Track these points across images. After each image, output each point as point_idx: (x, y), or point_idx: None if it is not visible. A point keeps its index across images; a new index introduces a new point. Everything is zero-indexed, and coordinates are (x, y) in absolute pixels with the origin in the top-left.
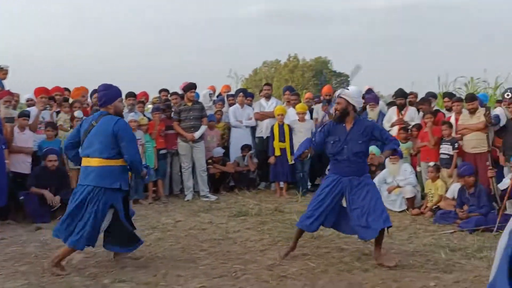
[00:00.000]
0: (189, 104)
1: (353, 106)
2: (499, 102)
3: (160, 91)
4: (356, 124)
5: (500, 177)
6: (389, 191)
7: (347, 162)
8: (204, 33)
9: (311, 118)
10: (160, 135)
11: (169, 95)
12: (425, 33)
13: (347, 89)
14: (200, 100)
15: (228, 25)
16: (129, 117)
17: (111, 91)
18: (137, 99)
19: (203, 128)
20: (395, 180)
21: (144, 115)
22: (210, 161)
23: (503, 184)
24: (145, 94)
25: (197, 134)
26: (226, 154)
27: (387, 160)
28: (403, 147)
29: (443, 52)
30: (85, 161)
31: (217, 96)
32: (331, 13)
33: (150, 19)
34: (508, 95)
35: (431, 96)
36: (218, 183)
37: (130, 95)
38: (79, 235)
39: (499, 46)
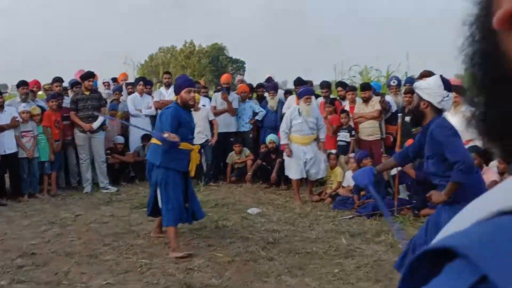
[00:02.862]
0: (87, 93)
1: (430, 103)
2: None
3: (54, 81)
4: (427, 129)
5: None
6: None
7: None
8: (93, 18)
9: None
10: (55, 125)
11: (60, 86)
12: (317, 22)
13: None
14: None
15: (121, 10)
16: (20, 107)
17: (178, 82)
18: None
19: (101, 118)
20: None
21: (37, 105)
22: (108, 151)
23: (394, 170)
24: (37, 83)
25: (95, 124)
26: (126, 144)
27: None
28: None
29: (336, 40)
30: None
31: (114, 84)
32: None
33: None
34: (394, 82)
35: (326, 85)
36: (117, 174)
37: (23, 83)
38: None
39: (391, 35)
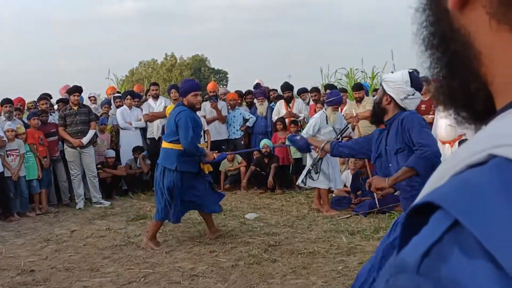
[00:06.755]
0: (75, 108)
1: (393, 99)
2: (376, 91)
3: (40, 98)
4: (392, 124)
5: None
6: None
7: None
8: (70, 33)
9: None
10: (39, 143)
11: (47, 103)
12: (296, 28)
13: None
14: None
15: (97, 25)
16: (5, 126)
17: (185, 85)
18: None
19: (91, 133)
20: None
21: (23, 122)
22: (99, 166)
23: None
24: (21, 100)
25: (85, 140)
26: (117, 157)
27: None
28: None
29: (316, 45)
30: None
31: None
32: (200, 11)
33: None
34: None
35: (304, 91)
36: (110, 188)
37: (7, 101)
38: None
39: (375, 37)
